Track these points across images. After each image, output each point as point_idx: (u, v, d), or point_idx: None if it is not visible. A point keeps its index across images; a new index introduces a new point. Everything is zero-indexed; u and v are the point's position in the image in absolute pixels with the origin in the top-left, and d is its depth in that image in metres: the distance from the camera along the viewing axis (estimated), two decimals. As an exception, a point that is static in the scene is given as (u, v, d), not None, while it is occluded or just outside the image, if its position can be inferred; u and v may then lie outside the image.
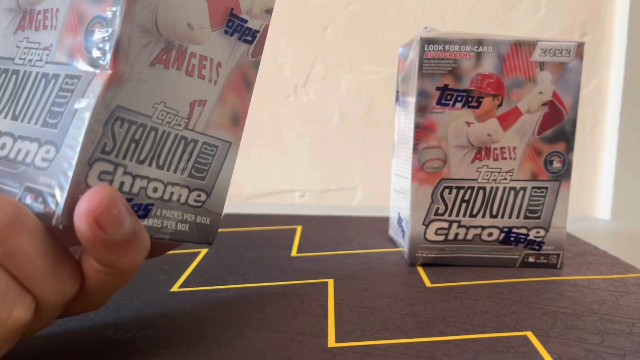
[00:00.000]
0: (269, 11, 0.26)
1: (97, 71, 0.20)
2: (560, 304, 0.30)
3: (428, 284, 0.33)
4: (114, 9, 0.20)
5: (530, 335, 0.26)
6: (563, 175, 0.36)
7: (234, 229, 0.47)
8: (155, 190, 0.23)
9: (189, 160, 0.24)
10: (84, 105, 0.20)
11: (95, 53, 0.21)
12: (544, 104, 0.36)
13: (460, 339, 0.25)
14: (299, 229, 0.47)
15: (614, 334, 0.26)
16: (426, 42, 0.35)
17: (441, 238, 0.37)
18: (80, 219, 0.18)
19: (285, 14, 0.70)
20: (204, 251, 0.39)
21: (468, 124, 0.36)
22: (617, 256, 0.41)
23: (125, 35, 0.20)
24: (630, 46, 0.69)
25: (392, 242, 0.43)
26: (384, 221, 0.51)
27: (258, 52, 0.26)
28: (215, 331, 0.26)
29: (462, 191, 0.37)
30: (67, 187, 0.19)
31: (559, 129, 0.36)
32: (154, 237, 0.23)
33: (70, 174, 0.19)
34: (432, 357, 0.23)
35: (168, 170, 0.23)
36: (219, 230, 0.46)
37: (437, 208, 0.37)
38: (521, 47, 0.35)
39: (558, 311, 0.29)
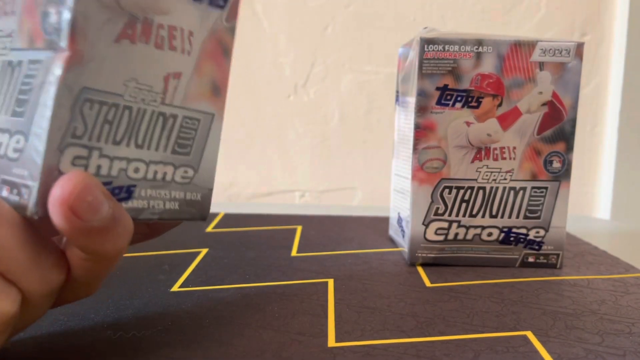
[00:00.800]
0: None
1: (56, 54, 0.19)
2: (560, 304, 0.30)
3: (428, 283, 0.33)
4: None
5: (530, 335, 0.26)
6: (563, 175, 0.36)
7: (234, 229, 0.47)
8: (136, 170, 0.22)
9: (169, 136, 0.23)
10: (47, 90, 0.19)
11: (52, 35, 0.20)
12: (544, 104, 0.36)
13: (460, 338, 0.25)
14: (299, 229, 0.47)
15: (614, 334, 0.26)
16: (426, 42, 0.35)
17: (441, 238, 0.37)
18: (55, 208, 0.18)
19: (285, 14, 0.70)
20: (204, 251, 0.39)
21: (468, 124, 0.36)
22: (617, 256, 0.41)
23: (79, 12, 0.19)
24: (629, 46, 0.69)
25: (392, 242, 0.43)
26: (384, 221, 0.51)
27: (233, 17, 0.24)
28: (215, 331, 0.26)
29: (462, 191, 0.37)
30: (38, 176, 0.19)
31: (558, 129, 0.36)
32: (140, 219, 0.22)
33: (40, 162, 0.19)
34: (432, 357, 0.23)
35: (149, 148, 0.22)
36: (220, 230, 0.46)
37: (437, 208, 0.37)
38: (521, 47, 0.35)
39: (558, 311, 0.29)
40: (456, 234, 0.37)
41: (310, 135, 0.72)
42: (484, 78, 0.36)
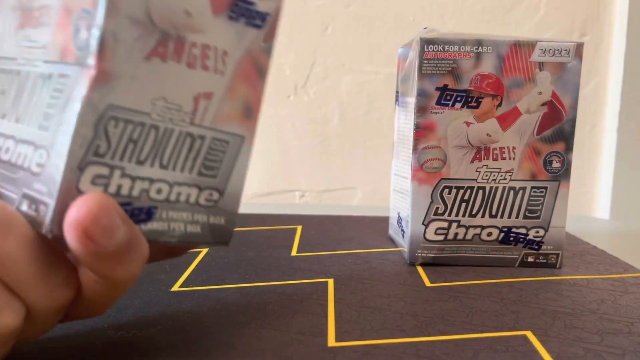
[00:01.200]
0: None
1: (83, 70, 0.19)
2: (560, 304, 0.30)
3: (428, 283, 0.33)
4: (98, 2, 0.19)
5: (529, 334, 0.26)
6: (562, 175, 0.37)
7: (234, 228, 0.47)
8: (159, 191, 0.22)
9: (196, 157, 0.22)
10: (71, 107, 0.19)
11: (81, 50, 0.19)
12: (544, 104, 0.36)
13: (460, 338, 0.25)
14: (299, 228, 0.47)
15: (613, 334, 0.26)
16: (426, 42, 0.35)
17: (441, 238, 0.37)
18: (69, 230, 0.18)
19: (285, 14, 0.70)
20: (204, 251, 0.40)
21: (467, 124, 0.36)
22: (616, 256, 0.41)
23: (108, 31, 0.19)
24: (629, 46, 0.69)
25: (392, 242, 0.43)
26: (384, 221, 0.51)
27: (270, 37, 0.24)
28: (216, 330, 0.26)
29: (461, 191, 0.37)
30: (55, 194, 0.18)
31: (558, 129, 0.36)
32: (158, 241, 0.22)
33: (59, 180, 0.19)
34: (432, 356, 0.24)
35: (174, 169, 0.22)
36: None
37: (437, 208, 0.37)
38: (520, 48, 0.35)
39: (557, 310, 0.29)
40: (456, 234, 0.37)
41: (310, 136, 0.72)
42: (484, 78, 0.36)
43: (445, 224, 0.37)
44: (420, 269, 0.36)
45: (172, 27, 0.20)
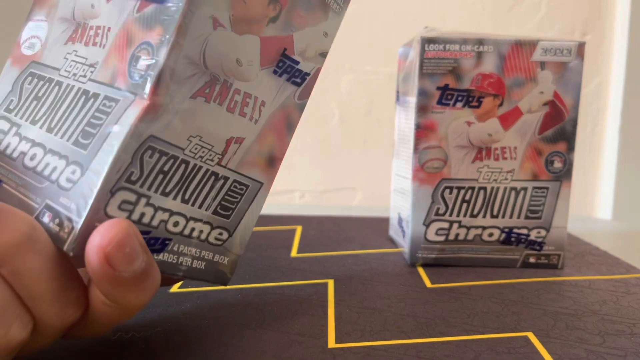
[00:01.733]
0: (324, 54, 0.25)
1: (135, 99, 0.20)
2: (561, 305, 0.30)
3: (428, 284, 0.33)
4: (163, 38, 0.20)
5: (531, 335, 0.26)
6: (564, 175, 0.36)
7: (234, 229, 0.47)
8: (176, 224, 0.22)
9: (216, 196, 0.23)
10: (116, 132, 0.19)
11: (137, 80, 0.20)
12: (545, 104, 0.36)
13: (461, 339, 0.25)
14: (298, 229, 0.47)
15: (615, 335, 0.26)
16: (427, 41, 0.35)
17: (442, 238, 0.37)
18: (91, 253, 0.18)
19: (285, 14, 0.70)
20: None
21: (469, 123, 0.36)
22: (618, 256, 0.41)
23: (169, 66, 0.20)
24: (631, 45, 0.69)
25: (393, 243, 0.43)
26: (384, 221, 0.51)
27: (305, 95, 0.25)
28: (215, 332, 0.26)
29: (462, 191, 0.36)
30: (84, 214, 0.19)
31: (559, 129, 0.36)
32: (166, 273, 0.22)
33: (90, 201, 0.19)
34: (433, 357, 0.23)
35: (193, 205, 0.22)
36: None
37: (438, 208, 0.37)
38: (522, 47, 0.35)
39: (559, 311, 0.29)
40: (457, 235, 0.37)
41: (310, 136, 0.72)
42: (485, 78, 0.36)
43: (446, 225, 0.37)
44: (421, 270, 0.36)
45: (222, 72, 0.21)
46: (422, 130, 0.36)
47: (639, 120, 0.71)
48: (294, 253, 0.40)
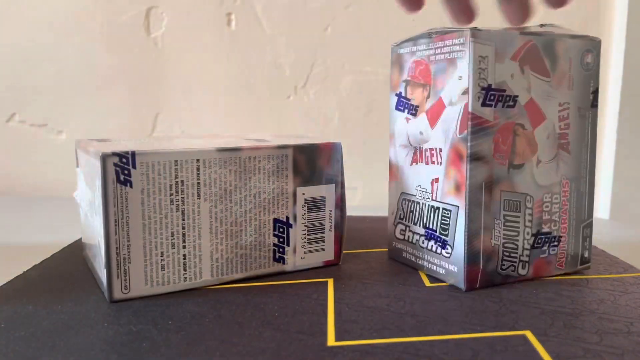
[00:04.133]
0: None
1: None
2: (559, 303, 0.30)
3: (427, 283, 0.33)
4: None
5: (528, 334, 0.26)
6: None
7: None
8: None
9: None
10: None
11: None
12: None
13: (459, 338, 0.25)
14: (298, 228, 0.47)
15: (613, 333, 0.26)
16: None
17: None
18: None
19: (285, 15, 0.70)
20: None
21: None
22: (616, 255, 0.41)
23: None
24: (628, 47, 0.69)
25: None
26: (383, 221, 0.51)
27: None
28: (215, 329, 0.26)
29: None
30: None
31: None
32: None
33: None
34: (431, 356, 0.24)
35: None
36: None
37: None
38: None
39: (557, 310, 0.29)
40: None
41: (310, 136, 0.72)
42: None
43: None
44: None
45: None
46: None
47: (636, 121, 0.71)
48: (293, 252, 0.40)
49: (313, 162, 0.34)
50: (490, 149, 0.31)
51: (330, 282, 0.33)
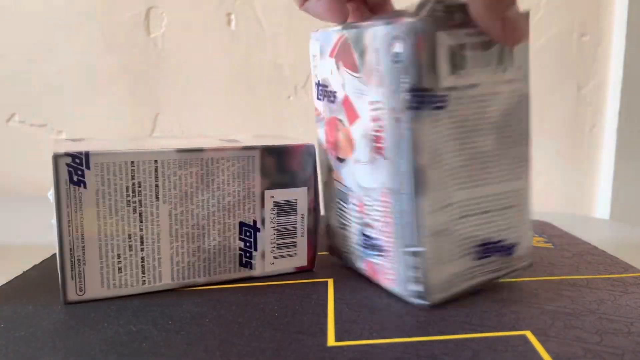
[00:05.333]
0: None
1: None
2: (559, 304, 0.30)
3: (427, 283, 0.33)
4: None
5: (529, 334, 0.26)
6: None
7: (233, 228, 0.47)
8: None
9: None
10: None
11: None
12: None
13: (459, 338, 0.25)
14: (298, 228, 0.47)
15: (613, 334, 0.26)
16: None
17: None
18: None
19: (285, 14, 0.70)
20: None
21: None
22: (616, 255, 0.41)
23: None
24: (628, 46, 0.69)
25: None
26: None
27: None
28: (215, 329, 0.26)
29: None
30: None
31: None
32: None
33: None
34: (431, 356, 0.24)
35: None
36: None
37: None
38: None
39: (557, 310, 0.29)
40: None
41: (310, 136, 0.72)
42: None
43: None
44: (420, 269, 0.36)
45: None
46: None
47: (636, 121, 0.71)
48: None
49: (283, 164, 0.33)
50: (324, 138, 0.34)
51: (330, 282, 0.33)
